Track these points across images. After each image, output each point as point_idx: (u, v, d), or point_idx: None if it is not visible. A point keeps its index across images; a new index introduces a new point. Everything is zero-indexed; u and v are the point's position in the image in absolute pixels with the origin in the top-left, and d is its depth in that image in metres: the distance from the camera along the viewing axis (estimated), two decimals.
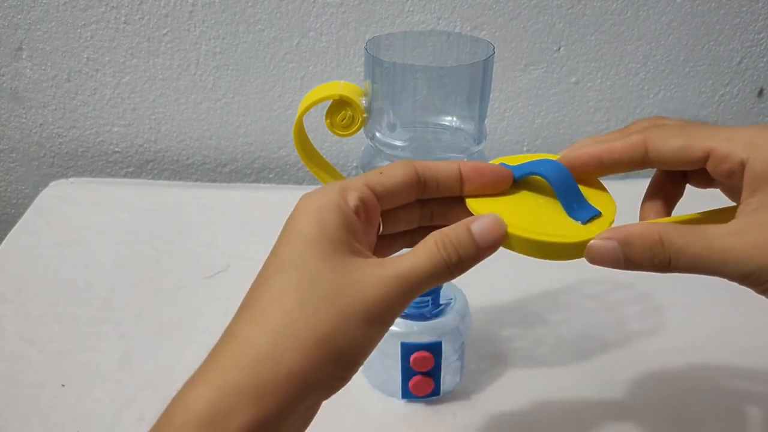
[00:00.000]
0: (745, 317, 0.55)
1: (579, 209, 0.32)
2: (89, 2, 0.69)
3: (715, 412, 0.47)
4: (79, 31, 0.70)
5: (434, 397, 0.47)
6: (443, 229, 0.29)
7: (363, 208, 0.29)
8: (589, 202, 0.33)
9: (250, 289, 0.28)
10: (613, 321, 0.55)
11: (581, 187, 0.33)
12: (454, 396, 0.48)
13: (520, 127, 0.79)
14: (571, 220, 0.32)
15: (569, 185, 0.33)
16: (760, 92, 0.79)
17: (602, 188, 0.34)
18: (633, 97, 0.78)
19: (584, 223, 0.32)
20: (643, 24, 0.73)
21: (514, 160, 0.35)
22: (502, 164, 0.34)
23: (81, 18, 0.70)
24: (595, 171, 0.33)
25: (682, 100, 0.79)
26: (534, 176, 0.34)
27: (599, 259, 0.29)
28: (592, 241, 0.29)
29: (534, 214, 0.32)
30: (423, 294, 0.30)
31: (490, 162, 0.34)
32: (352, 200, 0.29)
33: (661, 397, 0.48)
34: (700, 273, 0.28)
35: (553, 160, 0.34)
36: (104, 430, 0.45)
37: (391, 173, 0.30)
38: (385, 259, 0.28)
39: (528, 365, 0.51)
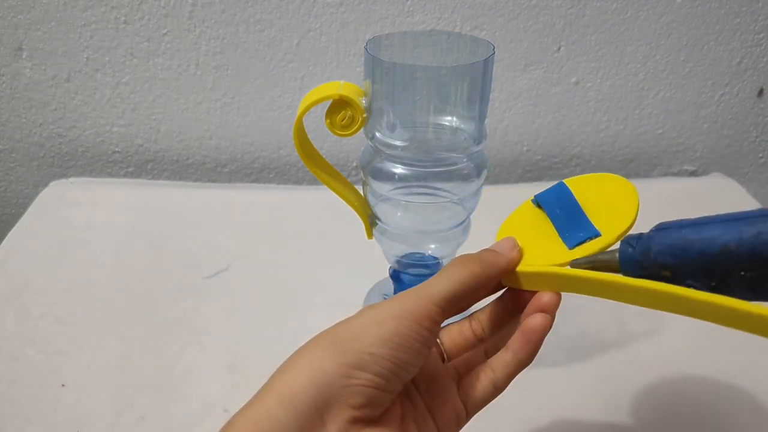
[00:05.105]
0: None
1: (572, 232, 0.31)
2: (89, 2, 0.69)
3: (715, 413, 0.47)
4: (79, 31, 0.70)
5: None
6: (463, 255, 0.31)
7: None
8: (600, 217, 0.31)
9: None
10: (613, 321, 0.55)
11: (599, 198, 0.32)
12: None
13: (520, 127, 0.79)
14: (563, 244, 0.31)
15: (564, 208, 0.32)
16: (760, 92, 0.79)
17: (631, 198, 0.31)
18: (633, 97, 0.78)
19: (571, 248, 0.31)
20: (643, 24, 0.73)
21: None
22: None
23: (81, 18, 0.70)
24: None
25: (682, 100, 0.79)
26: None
27: None
28: None
29: (538, 245, 0.32)
30: None
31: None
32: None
33: (660, 398, 0.48)
34: None
35: (561, 183, 0.33)
36: (104, 430, 0.45)
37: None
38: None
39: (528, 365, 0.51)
